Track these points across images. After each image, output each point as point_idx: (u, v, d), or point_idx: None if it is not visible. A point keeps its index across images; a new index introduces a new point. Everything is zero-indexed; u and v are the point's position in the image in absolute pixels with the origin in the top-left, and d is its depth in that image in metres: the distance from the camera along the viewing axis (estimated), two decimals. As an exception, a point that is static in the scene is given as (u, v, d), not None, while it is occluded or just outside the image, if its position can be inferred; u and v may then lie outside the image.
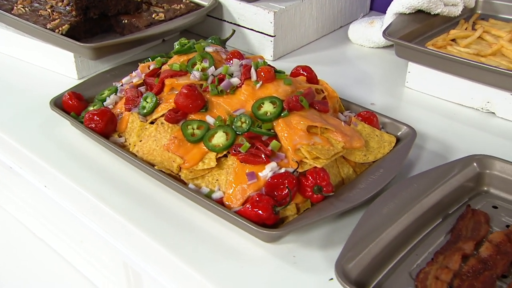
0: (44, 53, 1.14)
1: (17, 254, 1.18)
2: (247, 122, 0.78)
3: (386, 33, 1.06)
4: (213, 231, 0.73)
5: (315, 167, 0.73)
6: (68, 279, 1.15)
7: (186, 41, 0.93)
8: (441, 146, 0.92)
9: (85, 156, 0.88)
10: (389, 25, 1.11)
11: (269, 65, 0.92)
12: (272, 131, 0.78)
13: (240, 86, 0.83)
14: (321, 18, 1.31)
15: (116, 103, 0.92)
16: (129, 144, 0.85)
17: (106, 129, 0.87)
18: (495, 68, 0.95)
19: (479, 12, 1.27)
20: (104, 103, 0.92)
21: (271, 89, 0.82)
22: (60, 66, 1.12)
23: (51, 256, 1.20)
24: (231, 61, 0.89)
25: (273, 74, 0.84)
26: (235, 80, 0.84)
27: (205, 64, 0.88)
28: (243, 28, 1.22)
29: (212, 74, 0.86)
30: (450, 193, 0.76)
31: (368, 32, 1.26)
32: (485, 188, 0.79)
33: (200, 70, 0.87)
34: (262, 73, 0.83)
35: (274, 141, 0.76)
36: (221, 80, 0.84)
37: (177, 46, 0.93)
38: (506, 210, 0.75)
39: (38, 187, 0.92)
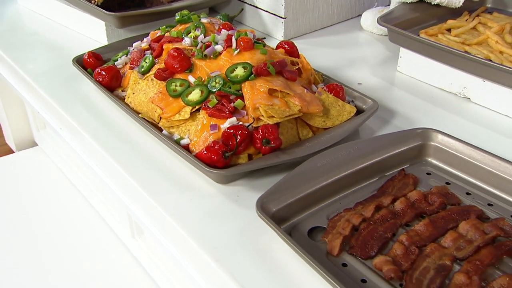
0: (81, 21, 1.32)
1: (48, 192, 1.38)
2: (220, 82, 0.90)
3: (381, 19, 1.14)
4: (178, 171, 0.87)
5: (268, 123, 0.84)
6: (90, 221, 1.33)
7: (186, 12, 1.07)
8: (408, 123, 0.99)
9: (94, 106, 1.04)
10: (387, 12, 1.19)
11: (258, 37, 1.04)
12: (239, 91, 0.90)
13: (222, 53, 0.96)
14: (336, 5, 1.39)
15: (125, 63, 1.07)
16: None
17: (111, 83, 1.02)
18: (471, 56, 1.00)
19: (488, 5, 1.31)
20: (116, 63, 1.07)
21: (246, 56, 0.93)
22: (94, 32, 1.30)
23: (78, 198, 1.39)
24: (221, 31, 1.01)
25: (252, 44, 0.95)
26: (218, 47, 0.96)
27: (198, 32, 1.01)
28: (259, 10, 1.33)
29: (201, 41, 0.99)
30: (390, 158, 0.84)
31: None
32: (426, 158, 0.86)
33: (192, 37, 1.00)
34: (241, 43, 0.95)
35: (239, 99, 0.88)
36: (208, 46, 0.97)
37: (177, 17, 1.06)
38: (438, 177, 0.83)
39: (56, 130, 1.09)
